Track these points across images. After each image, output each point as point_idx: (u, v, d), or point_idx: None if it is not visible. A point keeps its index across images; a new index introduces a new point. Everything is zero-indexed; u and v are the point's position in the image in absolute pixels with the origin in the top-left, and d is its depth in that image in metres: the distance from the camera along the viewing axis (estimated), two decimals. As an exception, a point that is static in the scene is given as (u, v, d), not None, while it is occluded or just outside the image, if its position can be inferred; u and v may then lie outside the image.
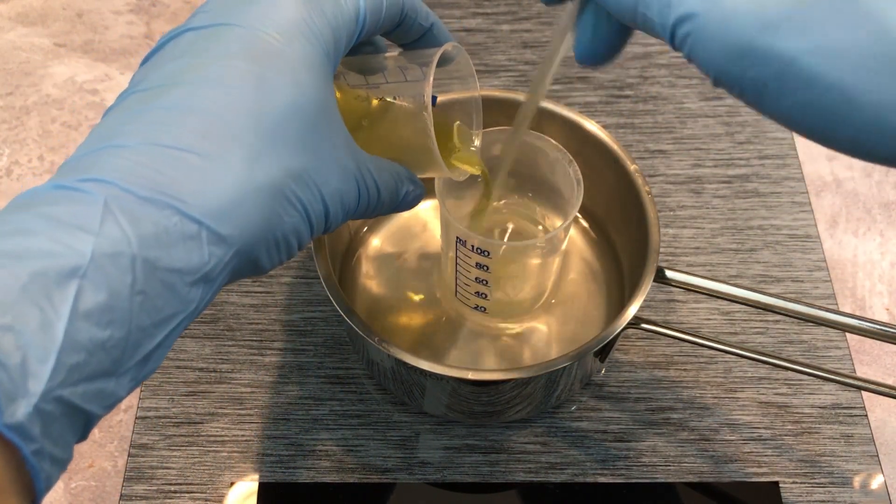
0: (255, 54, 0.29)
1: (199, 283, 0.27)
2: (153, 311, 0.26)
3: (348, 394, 0.52)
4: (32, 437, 0.23)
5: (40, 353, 0.23)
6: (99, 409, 0.25)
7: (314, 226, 0.31)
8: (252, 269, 0.30)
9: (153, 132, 0.27)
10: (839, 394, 0.52)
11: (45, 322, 0.23)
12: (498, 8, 0.70)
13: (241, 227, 0.28)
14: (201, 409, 0.51)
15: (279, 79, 0.29)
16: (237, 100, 0.28)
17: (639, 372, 0.53)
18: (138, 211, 0.26)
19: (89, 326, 0.24)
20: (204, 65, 0.29)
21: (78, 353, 0.24)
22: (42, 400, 0.23)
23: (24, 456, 0.23)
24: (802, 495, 0.48)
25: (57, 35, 0.71)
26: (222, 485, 0.49)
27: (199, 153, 0.27)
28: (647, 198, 0.48)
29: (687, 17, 0.27)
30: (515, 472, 0.49)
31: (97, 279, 0.24)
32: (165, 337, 0.27)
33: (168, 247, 0.26)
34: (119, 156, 0.27)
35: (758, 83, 0.26)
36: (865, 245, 0.59)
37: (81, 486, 0.50)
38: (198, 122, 0.28)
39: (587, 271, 0.54)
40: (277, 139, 0.29)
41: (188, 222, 0.27)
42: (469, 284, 0.48)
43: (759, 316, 0.55)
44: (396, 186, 0.35)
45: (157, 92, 0.29)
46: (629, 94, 0.65)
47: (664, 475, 0.49)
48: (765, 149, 0.62)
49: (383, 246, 0.56)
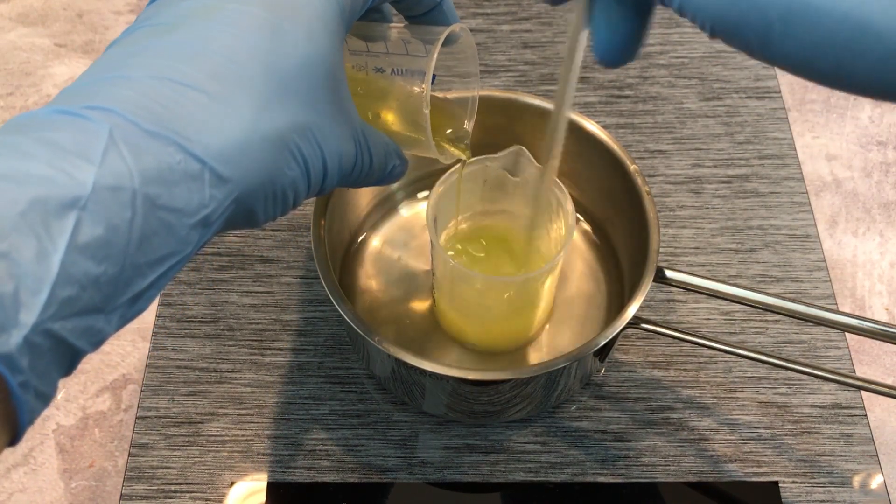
0: (273, 4, 0.29)
1: (196, 227, 0.27)
2: (149, 250, 0.25)
3: (348, 394, 0.52)
4: (20, 368, 0.22)
5: (34, 285, 0.22)
6: (87, 345, 0.25)
7: (311, 183, 0.31)
8: (246, 220, 0.29)
9: (162, 67, 0.27)
10: (839, 393, 0.52)
11: (42, 252, 0.23)
12: (498, 8, 0.70)
13: (243, 173, 0.27)
14: (201, 408, 0.51)
15: (294, 31, 0.29)
16: (251, 46, 0.28)
17: (638, 372, 0.53)
18: (142, 144, 0.25)
19: (84, 260, 0.24)
20: (219, 7, 0.28)
21: (71, 286, 0.23)
22: (32, 332, 0.22)
23: (10, 388, 0.23)
24: (802, 495, 0.48)
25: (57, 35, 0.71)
26: (222, 485, 0.49)
27: (209, 93, 0.27)
28: (647, 198, 0.48)
29: None
30: (515, 472, 0.49)
31: (97, 212, 0.24)
32: (158, 277, 0.26)
33: (170, 185, 0.25)
34: (125, 86, 0.26)
35: (760, 26, 0.24)
36: (865, 245, 0.60)
37: (82, 486, 0.50)
38: (209, 62, 0.27)
39: (587, 271, 0.55)
40: (287, 91, 0.28)
41: (192, 161, 0.26)
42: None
43: (759, 316, 0.55)
44: (385, 158, 0.35)
45: (169, 28, 0.28)
46: (629, 95, 0.65)
47: (664, 475, 0.49)
48: (764, 149, 0.62)
49: (383, 246, 0.56)
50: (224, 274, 0.56)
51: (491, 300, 0.48)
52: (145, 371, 0.52)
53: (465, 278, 0.47)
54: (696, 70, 0.66)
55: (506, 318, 0.50)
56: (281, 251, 0.57)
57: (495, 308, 0.49)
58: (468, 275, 0.45)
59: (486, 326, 0.50)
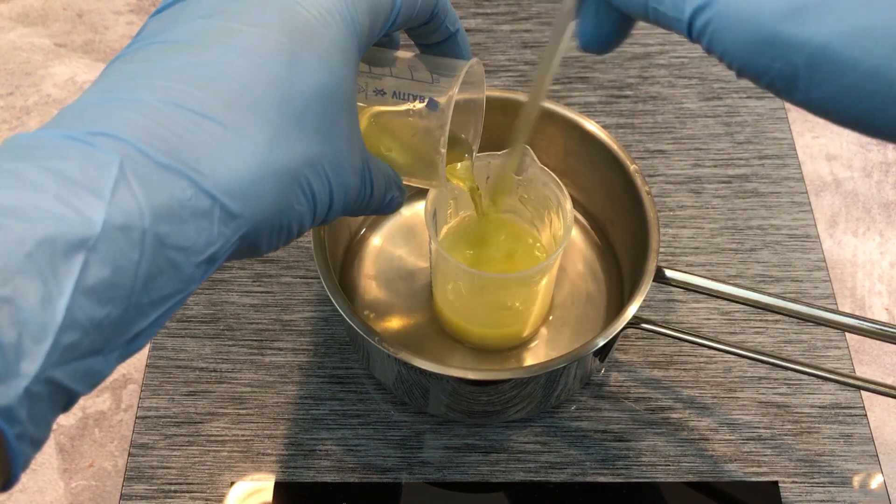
0: (292, 29, 0.28)
1: (202, 264, 0.26)
2: (153, 290, 0.24)
3: (348, 394, 0.52)
4: (19, 420, 0.21)
5: (37, 332, 0.21)
6: (84, 388, 0.24)
7: (316, 216, 0.30)
8: (248, 253, 0.28)
9: (175, 91, 0.25)
10: (838, 393, 0.52)
11: (47, 297, 0.21)
12: (498, 8, 0.70)
13: (252, 209, 0.26)
14: (201, 408, 0.51)
15: (312, 61, 0.28)
16: (268, 74, 0.27)
17: (638, 372, 0.53)
18: (153, 178, 0.24)
19: (90, 304, 0.22)
20: (237, 30, 0.27)
21: (74, 331, 0.22)
22: (33, 382, 0.21)
23: (7, 439, 0.21)
24: (802, 495, 0.48)
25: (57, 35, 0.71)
26: (222, 485, 0.49)
27: (223, 123, 0.26)
28: (647, 198, 0.48)
29: (705, 5, 0.25)
30: (515, 472, 0.49)
31: (105, 253, 0.23)
32: (160, 316, 0.25)
33: (180, 222, 0.24)
34: (136, 110, 0.25)
35: (787, 73, 0.24)
36: (865, 245, 0.60)
37: (81, 486, 0.50)
38: (226, 89, 0.26)
39: (587, 271, 0.55)
40: (302, 123, 0.27)
41: (203, 197, 0.25)
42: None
43: (759, 316, 0.55)
44: (385, 189, 0.34)
45: (183, 48, 0.26)
46: (629, 94, 0.65)
47: (664, 475, 0.49)
48: (764, 149, 0.62)
49: (383, 246, 0.56)
50: (224, 274, 0.56)
51: (488, 297, 0.48)
52: (145, 371, 0.52)
53: (461, 274, 0.47)
54: (696, 70, 0.66)
55: (503, 316, 0.50)
56: (281, 251, 0.57)
57: (493, 305, 0.49)
58: (465, 271, 0.45)
59: (483, 323, 0.50)
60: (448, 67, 0.35)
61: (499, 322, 0.50)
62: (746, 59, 0.25)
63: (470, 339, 0.51)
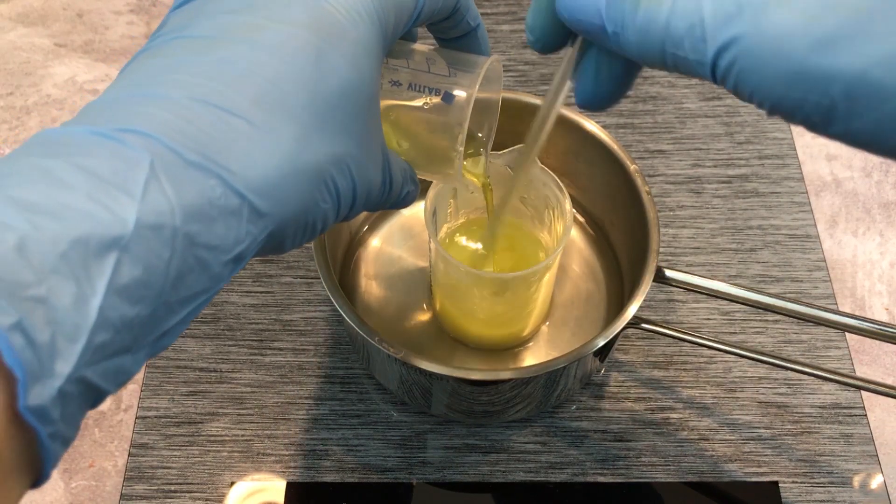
0: (319, 27, 0.27)
1: (230, 263, 0.26)
2: (182, 288, 0.24)
3: (348, 394, 0.52)
4: (52, 420, 0.21)
5: (71, 332, 0.21)
6: (113, 386, 0.24)
7: (340, 213, 0.30)
8: (273, 250, 0.28)
9: (203, 88, 0.25)
10: (839, 393, 0.52)
11: (80, 297, 0.21)
12: (498, 8, 0.70)
13: (279, 207, 0.26)
14: (201, 408, 0.51)
15: (339, 59, 0.28)
16: (296, 71, 0.27)
17: (638, 372, 0.53)
18: (183, 177, 0.24)
19: (122, 303, 0.22)
20: (264, 26, 0.27)
21: (106, 331, 0.22)
22: (66, 381, 0.21)
23: (39, 438, 0.21)
24: (802, 495, 0.48)
25: (57, 35, 0.71)
26: (222, 485, 0.49)
27: (251, 121, 0.25)
28: (647, 198, 0.48)
29: (729, 44, 0.24)
30: (515, 472, 0.49)
31: (137, 253, 0.22)
32: (188, 314, 0.25)
33: (209, 221, 0.24)
34: (163, 107, 0.25)
35: (824, 106, 0.23)
36: (865, 245, 0.60)
37: (82, 486, 0.50)
38: (253, 86, 0.26)
39: (587, 271, 0.55)
40: (328, 121, 0.27)
41: (232, 195, 0.25)
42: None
43: (759, 316, 0.55)
44: (402, 184, 0.34)
45: (209, 44, 0.26)
46: (629, 94, 0.65)
47: (664, 475, 0.49)
48: (764, 149, 0.62)
49: (383, 246, 0.56)
50: (224, 274, 0.56)
51: (487, 296, 0.48)
52: (145, 371, 0.52)
53: (461, 274, 0.47)
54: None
55: (503, 315, 0.50)
56: (281, 251, 0.57)
57: (493, 305, 0.49)
58: (464, 271, 0.45)
59: (483, 323, 0.50)
60: (466, 62, 0.35)
61: (499, 322, 0.50)
62: (778, 95, 0.24)
63: (470, 339, 0.51)
